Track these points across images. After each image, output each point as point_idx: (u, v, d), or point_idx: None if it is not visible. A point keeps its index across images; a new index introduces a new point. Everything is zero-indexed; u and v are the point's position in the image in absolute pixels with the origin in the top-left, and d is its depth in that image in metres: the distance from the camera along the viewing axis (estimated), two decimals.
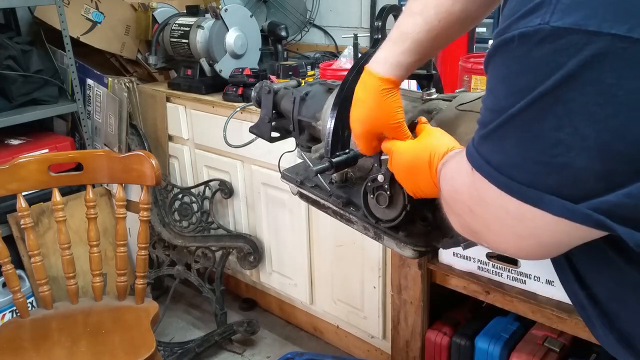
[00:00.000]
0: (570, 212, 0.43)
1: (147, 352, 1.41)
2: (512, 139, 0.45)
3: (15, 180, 1.53)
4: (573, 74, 0.40)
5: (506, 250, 0.52)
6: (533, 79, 0.42)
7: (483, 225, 0.52)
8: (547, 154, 0.42)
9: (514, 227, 0.48)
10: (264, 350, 2.09)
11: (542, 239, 0.47)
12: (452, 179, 0.57)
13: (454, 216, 0.57)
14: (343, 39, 2.26)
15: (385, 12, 0.81)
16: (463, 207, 0.54)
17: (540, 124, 0.42)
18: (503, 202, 0.47)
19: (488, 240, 0.53)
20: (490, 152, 0.48)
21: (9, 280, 1.55)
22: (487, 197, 0.48)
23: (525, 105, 0.43)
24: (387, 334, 1.78)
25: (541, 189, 0.43)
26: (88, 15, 2.23)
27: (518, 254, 0.52)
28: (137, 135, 2.22)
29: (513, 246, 0.50)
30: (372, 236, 0.83)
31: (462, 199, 0.54)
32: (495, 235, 0.51)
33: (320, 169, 0.80)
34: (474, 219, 0.52)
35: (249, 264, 2.09)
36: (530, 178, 0.44)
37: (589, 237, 0.46)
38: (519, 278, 1.28)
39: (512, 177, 0.45)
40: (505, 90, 0.45)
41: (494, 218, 0.49)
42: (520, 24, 0.43)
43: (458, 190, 0.55)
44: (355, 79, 0.81)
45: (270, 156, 1.85)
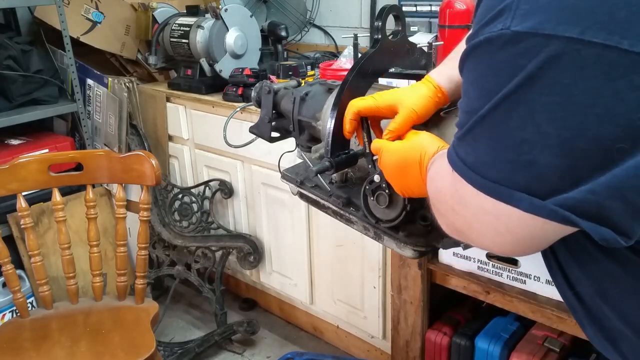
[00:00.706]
0: (538, 208, 0.44)
1: (147, 352, 1.41)
2: (483, 139, 0.47)
3: (15, 180, 1.53)
4: (533, 76, 0.42)
5: (488, 246, 0.54)
6: (498, 81, 0.44)
7: (465, 223, 0.53)
8: (514, 152, 0.44)
9: (492, 224, 0.50)
10: (264, 350, 2.09)
11: (518, 235, 0.49)
12: (435, 180, 0.59)
13: (439, 216, 0.59)
14: (343, 39, 2.25)
15: (385, 12, 0.81)
16: (446, 206, 0.55)
17: (506, 124, 0.44)
18: (480, 200, 0.48)
19: (471, 238, 0.54)
20: (465, 153, 0.50)
21: (9, 280, 1.55)
22: (466, 196, 0.50)
23: (492, 107, 0.45)
24: (387, 334, 1.78)
25: (511, 186, 0.45)
26: (88, 15, 2.23)
27: (499, 250, 0.54)
28: (137, 135, 2.22)
29: (493, 242, 0.52)
30: (372, 236, 0.83)
31: (445, 199, 0.55)
32: (476, 233, 0.53)
33: (320, 169, 0.80)
34: (457, 218, 0.54)
35: (249, 264, 2.09)
36: (500, 176, 0.46)
37: (561, 232, 0.48)
38: (519, 278, 1.28)
39: (485, 175, 0.47)
40: (475, 92, 0.48)
41: (473, 216, 0.51)
42: (486, 30, 0.45)
43: (441, 190, 0.57)
44: (356, 79, 0.81)
45: (270, 156, 1.85)
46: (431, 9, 1.99)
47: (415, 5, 2.04)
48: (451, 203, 0.54)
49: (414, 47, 0.90)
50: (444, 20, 1.64)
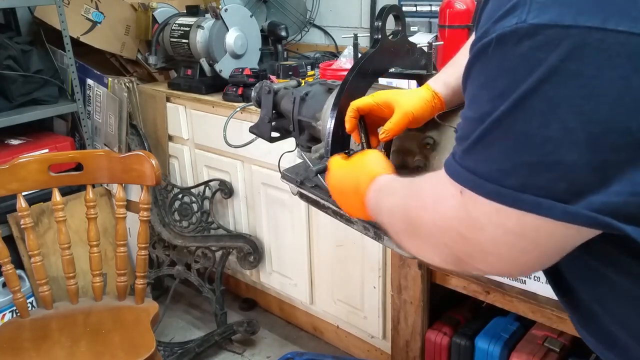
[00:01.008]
0: (573, 216, 0.41)
1: (147, 352, 1.41)
2: (499, 144, 0.44)
3: (15, 180, 1.53)
4: (554, 69, 0.40)
5: (502, 270, 0.50)
6: (514, 79, 0.42)
7: (477, 250, 0.48)
8: (537, 153, 0.41)
9: (516, 244, 0.45)
10: (264, 350, 2.09)
11: (545, 249, 0.46)
12: (431, 207, 0.53)
13: (433, 248, 0.53)
14: (343, 39, 2.25)
15: (385, 12, 0.81)
16: (452, 235, 0.49)
17: (526, 123, 0.41)
18: (500, 219, 0.45)
19: (481, 265, 0.50)
20: (476, 164, 0.46)
21: (9, 280, 1.55)
22: (481, 218, 0.46)
23: (509, 107, 0.42)
24: (387, 334, 1.78)
25: (533, 192, 0.42)
26: (88, 15, 2.23)
27: (516, 271, 0.50)
28: (137, 135, 2.22)
29: (513, 264, 0.48)
30: (372, 236, 0.83)
31: (450, 226, 0.49)
32: (494, 258, 0.48)
33: (320, 169, 0.81)
34: (466, 245, 0.49)
35: (249, 264, 2.09)
36: (521, 181, 0.42)
37: (585, 238, 0.45)
38: (519, 278, 1.28)
39: (503, 184, 0.43)
40: (486, 95, 0.44)
41: (491, 240, 0.47)
42: (497, 27, 0.42)
43: (443, 216, 0.50)
44: (356, 79, 0.81)
45: (270, 156, 1.85)
46: (431, 9, 1.99)
47: (415, 5, 2.04)
48: (460, 230, 0.48)
49: (414, 47, 0.90)
50: (444, 20, 1.64)
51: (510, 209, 0.43)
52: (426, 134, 0.77)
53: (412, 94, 0.75)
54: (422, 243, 0.55)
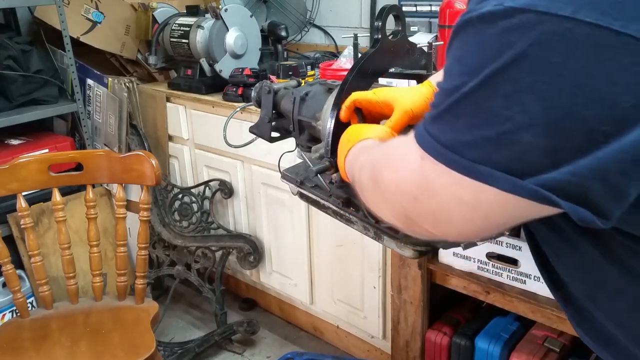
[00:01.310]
0: (520, 189, 0.43)
1: (147, 352, 1.41)
2: (464, 118, 0.46)
3: (15, 180, 1.53)
4: (523, 53, 0.41)
5: (449, 235, 0.51)
6: (485, 58, 0.43)
7: (429, 214, 0.50)
8: (497, 130, 0.43)
9: (466, 214, 0.48)
10: (264, 350, 2.09)
11: (494, 220, 0.48)
12: (394, 167, 0.55)
13: (387, 204, 0.56)
14: (343, 39, 2.25)
15: (385, 12, 0.81)
16: (406, 196, 0.52)
17: (491, 101, 0.43)
18: (455, 189, 0.47)
19: (430, 228, 0.52)
20: (441, 132, 0.48)
21: (9, 280, 1.55)
22: (437, 185, 0.48)
23: (478, 84, 0.44)
24: (387, 334, 1.78)
25: (490, 166, 0.44)
26: (88, 15, 2.23)
27: (462, 238, 0.52)
28: (137, 135, 2.22)
29: (461, 231, 0.50)
30: (372, 236, 0.83)
31: (406, 188, 0.52)
32: (442, 224, 0.50)
33: (320, 169, 0.81)
34: (419, 209, 0.51)
35: (249, 264, 2.09)
36: (480, 155, 0.45)
37: (535, 213, 0.47)
38: (519, 278, 1.28)
39: (463, 155, 0.45)
40: (459, 69, 0.46)
41: (443, 207, 0.49)
42: (479, 6, 0.44)
43: (402, 177, 0.53)
44: (356, 79, 0.81)
45: (270, 156, 1.85)
46: (431, 9, 2.00)
47: (415, 5, 2.04)
48: (415, 192, 0.50)
49: (414, 47, 0.90)
50: (444, 20, 1.64)
51: (466, 180, 0.45)
52: None
53: (412, 91, 0.75)
54: (380, 200, 0.57)
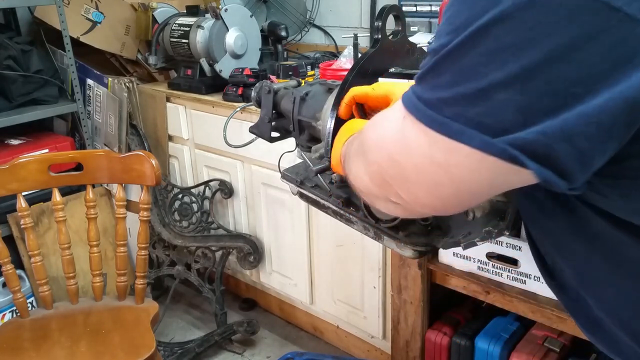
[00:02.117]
0: (488, 145, 0.44)
1: (147, 352, 1.41)
2: (446, 75, 0.46)
3: (15, 180, 1.53)
4: (506, 13, 0.42)
5: (417, 200, 0.52)
6: (471, 16, 0.44)
7: (401, 175, 0.51)
8: (474, 87, 0.44)
9: (435, 175, 0.48)
10: (264, 350, 2.09)
11: (461, 184, 0.48)
12: (377, 126, 0.55)
13: (367, 164, 0.56)
14: (343, 39, 2.26)
15: (385, 12, 0.81)
16: (383, 154, 0.52)
17: (471, 58, 0.44)
18: (428, 148, 0.47)
19: (401, 191, 0.52)
20: (424, 90, 0.48)
21: (9, 280, 1.55)
22: (413, 143, 0.49)
23: (461, 40, 0.45)
24: (387, 334, 1.78)
25: (464, 122, 0.45)
26: (88, 15, 2.23)
27: (431, 205, 0.52)
28: (137, 135, 2.22)
29: (427, 195, 0.50)
30: (372, 236, 0.83)
31: (384, 146, 0.52)
32: (413, 186, 0.50)
33: (320, 169, 0.81)
34: (392, 167, 0.51)
35: (249, 264, 2.09)
36: (456, 111, 0.45)
37: (505, 181, 0.47)
38: (519, 278, 1.28)
39: (441, 112, 0.46)
40: (447, 29, 0.47)
41: (414, 167, 0.49)
42: None
43: (383, 136, 0.53)
44: (356, 79, 0.81)
45: (270, 156, 1.85)
46: (431, 9, 1.99)
47: (415, 5, 2.04)
48: (392, 150, 0.51)
49: (414, 47, 0.90)
50: None
51: (440, 138, 0.46)
52: None
53: (411, 84, 0.75)
54: (361, 161, 0.57)
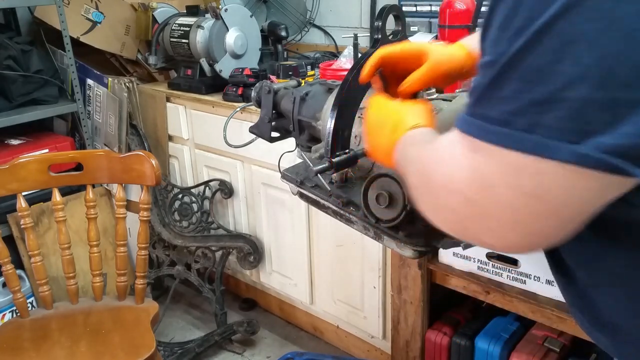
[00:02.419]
0: (581, 157, 0.39)
1: (147, 352, 1.41)
2: (510, 83, 0.42)
3: (15, 180, 1.53)
4: (570, 4, 0.39)
5: (505, 242, 0.46)
6: (530, 16, 0.41)
7: (483, 216, 0.45)
8: (547, 90, 0.40)
9: (526, 208, 0.42)
10: (264, 350, 2.09)
11: (560, 210, 0.42)
12: (444, 166, 0.49)
13: (441, 211, 0.50)
14: (343, 39, 2.26)
15: (385, 12, 0.81)
16: (456, 198, 0.47)
17: (539, 58, 0.40)
18: (510, 178, 0.42)
19: (484, 236, 0.47)
20: (486, 109, 0.44)
21: (9, 280, 1.55)
22: (491, 177, 0.43)
23: (524, 43, 0.41)
24: (387, 334, 1.78)
25: (542, 132, 0.40)
26: (88, 15, 2.23)
27: (527, 243, 0.45)
28: (137, 135, 2.22)
29: (519, 234, 0.44)
30: (372, 236, 0.83)
31: (458, 188, 0.46)
32: (497, 226, 0.44)
33: (320, 169, 0.81)
34: (473, 209, 0.45)
35: (249, 264, 2.09)
36: (530, 121, 0.41)
37: (603, 194, 0.42)
38: (519, 278, 1.28)
39: (511, 125, 0.41)
40: (504, 36, 0.43)
41: (501, 201, 0.43)
42: None
43: (451, 176, 0.47)
44: (356, 79, 0.81)
45: (270, 156, 1.85)
46: (431, 9, 1.99)
47: (415, 5, 2.04)
48: (466, 191, 0.45)
49: None
50: (444, 20, 1.64)
51: (521, 159, 0.41)
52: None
53: (445, 48, 0.71)
54: (432, 203, 0.52)
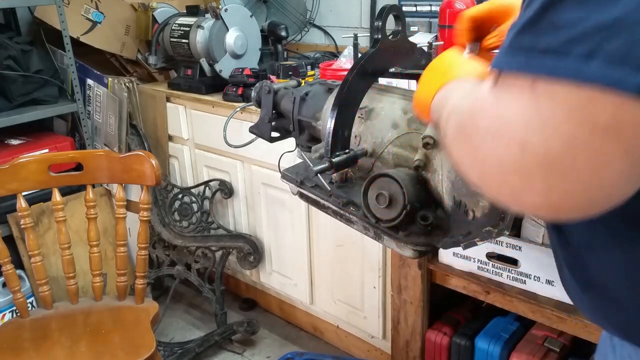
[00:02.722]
0: None
1: (147, 352, 1.41)
2: (569, 9, 0.36)
3: (15, 180, 1.53)
4: None
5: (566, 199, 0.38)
6: None
7: (543, 164, 0.37)
8: (615, 11, 0.35)
9: (602, 147, 0.36)
10: (264, 350, 2.09)
11: (633, 150, 0.36)
12: (493, 110, 0.42)
13: (483, 164, 0.42)
14: (343, 39, 2.26)
15: (385, 12, 0.81)
16: (510, 144, 0.39)
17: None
18: (588, 110, 0.36)
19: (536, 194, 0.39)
20: (538, 37, 0.37)
21: (9, 280, 1.55)
22: (558, 115, 0.37)
23: None
24: (387, 334, 1.78)
25: (608, 60, 0.34)
26: (88, 15, 2.23)
27: (587, 201, 0.38)
28: (137, 135, 2.22)
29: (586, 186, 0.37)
30: (372, 236, 0.83)
31: (509, 133, 0.39)
32: (564, 178, 0.37)
33: (320, 169, 0.81)
34: (529, 160, 0.38)
35: (249, 264, 2.09)
36: (591, 47, 0.35)
37: None
38: (519, 278, 1.28)
39: (572, 52, 0.36)
40: None
41: (565, 144, 0.36)
42: None
43: (505, 120, 0.40)
44: (356, 79, 0.81)
45: (270, 156, 1.85)
46: (431, 9, 1.99)
47: (415, 5, 2.04)
48: (524, 136, 0.38)
49: (414, 47, 0.90)
50: (444, 20, 1.64)
51: (588, 89, 0.35)
52: (426, 133, 0.77)
53: None
54: (471, 155, 0.44)
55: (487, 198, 0.66)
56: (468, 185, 0.70)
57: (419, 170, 0.77)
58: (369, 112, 0.87)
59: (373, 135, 0.86)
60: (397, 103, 0.87)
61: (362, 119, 0.87)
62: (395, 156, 0.83)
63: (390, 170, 0.77)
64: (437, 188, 0.76)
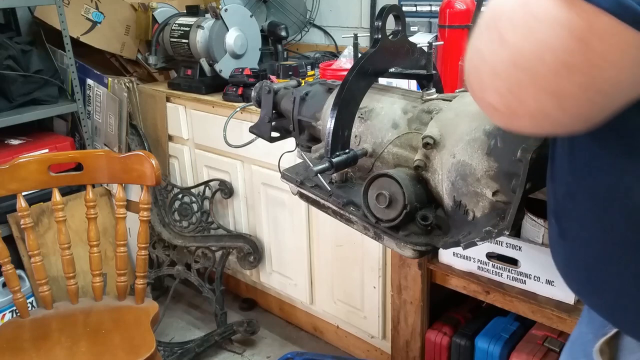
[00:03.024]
0: None
1: (147, 352, 1.41)
2: None
3: (15, 180, 1.53)
4: None
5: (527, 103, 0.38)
6: None
7: (511, 57, 0.37)
8: None
9: (569, 54, 0.35)
10: (264, 350, 2.09)
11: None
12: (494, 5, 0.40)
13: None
14: (343, 39, 2.26)
15: (385, 12, 0.81)
16: (493, 36, 0.38)
17: None
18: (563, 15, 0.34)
19: (503, 84, 0.38)
20: None
21: (9, 280, 1.55)
22: (537, 16, 0.35)
23: None
24: (387, 334, 1.78)
25: None
26: (88, 15, 2.23)
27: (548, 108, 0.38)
28: (137, 135, 2.22)
29: (547, 88, 0.36)
30: (372, 236, 0.83)
31: (498, 27, 0.38)
32: (526, 73, 0.36)
33: (320, 169, 0.81)
34: (499, 52, 0.37)
35: (249, 264, 2.09)
36: None
37: None
38: (519, 278, 1.28)
39: None
40: None
41: (539, 43, 0.35)
42: None
43: (499, 15, 0.38)
44: (356, 79, 0.81)
45: (270, 156, 1.85)
46: (431, 9, 1.99)
47: (415, 5, 2.04)
48: (504, 32, 0.37)
49: (414, 47, 0.90)
50: (444, 20, 1.64)
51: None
52: (426, 133, 0.77)
53: None
54: (470, 43, 0.42)
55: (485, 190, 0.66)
56: (468, 185, 0.70)
57: (419, 170, 0.77)
58: (369, 112, 0.87)
59: (373, 135, 0.86)
60: (397, 103, 0.87)
61: (362, 119, 0.87)
62: (395, 156, 0.83)
63: (390, 170, 0.77)
64: (437, 188, 0.76)
